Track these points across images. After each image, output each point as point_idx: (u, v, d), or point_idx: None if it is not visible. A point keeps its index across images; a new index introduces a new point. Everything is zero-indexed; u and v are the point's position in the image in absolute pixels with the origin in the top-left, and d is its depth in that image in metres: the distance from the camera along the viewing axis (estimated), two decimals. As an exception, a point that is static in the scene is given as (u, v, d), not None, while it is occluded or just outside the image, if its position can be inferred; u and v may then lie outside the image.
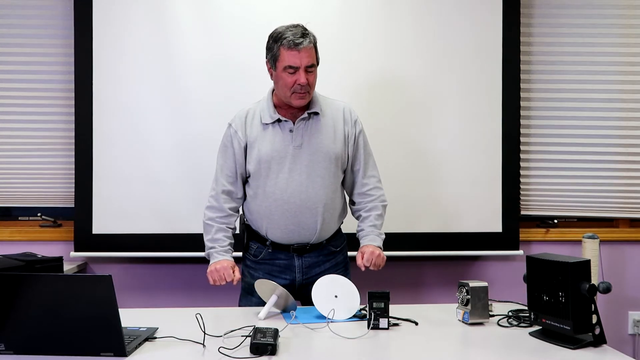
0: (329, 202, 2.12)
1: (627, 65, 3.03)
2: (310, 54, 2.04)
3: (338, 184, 2.18)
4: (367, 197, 2.20)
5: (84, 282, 1.57)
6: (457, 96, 2.90)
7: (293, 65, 2.02)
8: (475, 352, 1.66)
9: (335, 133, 2.14)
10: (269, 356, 1.53)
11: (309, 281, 2.12)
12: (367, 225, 2.17)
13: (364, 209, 2.20)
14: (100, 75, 2.82)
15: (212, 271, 2.06)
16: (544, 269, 1.72)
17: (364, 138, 2.21)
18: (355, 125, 2.18)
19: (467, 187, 2.91)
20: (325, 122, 2.13)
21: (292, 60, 2.02)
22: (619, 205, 3.06)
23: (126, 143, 2.82)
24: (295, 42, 2.01)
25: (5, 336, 1.51)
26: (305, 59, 2.02)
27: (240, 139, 2.13)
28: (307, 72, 2.04)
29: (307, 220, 2.10)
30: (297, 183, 2.08)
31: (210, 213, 2.17)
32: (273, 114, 2.11)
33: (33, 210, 3.04)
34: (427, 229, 2.90)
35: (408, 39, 2.88)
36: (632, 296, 3.09)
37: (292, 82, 2.03)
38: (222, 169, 2.17)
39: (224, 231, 2.15)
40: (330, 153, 2.11)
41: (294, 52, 2.01)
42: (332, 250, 2.21)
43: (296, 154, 2.09)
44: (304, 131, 2.10)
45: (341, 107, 2.19)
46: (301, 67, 2.02)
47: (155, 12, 2.82)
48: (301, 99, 2.06)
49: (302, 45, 2.01)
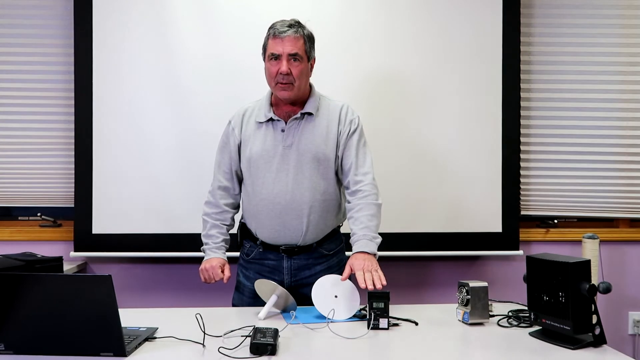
0: (315, 205, 2.07)
1: (627, 65, 3.03)
2: (295, 43, 2.02)
3: (329, 186, 2.11)
4: (358, 193, 2.07)
5: (84, 282, 1.57)
6: (457, 96, 2.90)
7: (275, 53, 2.02)
8: (475, 352, 1.65)
9: (327, 134, 2.10)
10: (269, 356, 1.52)
11: (297, 283, 2.12)
12: (358, 228, 2.02)
13: (354, 209, 2.06)
14: (100, 75, 2.83)
15: (202, 270, 2.11)
16: (544, 269, 1.72)
17: (358, 136, 2.12)
18: (350, 124, 2.11)
19: (467, 187, 2.91)
20: (318, 122, 2.10)
21: (275, 48, 2.02)
22: (619, 205, 3.06)
23: (126, 143, 2.83)
24: (280, 31, 2.02)
25: (5, 336, 1.51)
26: (288, 46, 2.01)
27: (236, 136, 2.14)
28: (291, 62, 2.01)
29: (293, 222, 2.07)
30: (284, 183, 2.06)
31: (207, 208, 2.19)
32: (267, 113, 2.10)
33: (33, 210, 3.04)
34: (427, 229, 2.90)
35: (408, 39, 2.88)
36: (632, 296, 3.09)
37: (275, 72, 2.02)
38: (220, 165, 2.19)
39: (218, 227, 2.16)
40: (319, 154, 2.07)
41: (277, 40, 2.02)
42: (324, 253, 2.15)
43: (285, 154, 2.07)
44: (295, 131, 2.08)
45: (339, 106, 2.14)
46: (283, 55, 2.00)
47: (155, 12, 2.82)
48: (284, 90, 2.03)
49: (285, 33, 2.01)
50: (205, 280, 2.11)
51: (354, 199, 2.09)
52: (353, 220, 2.06)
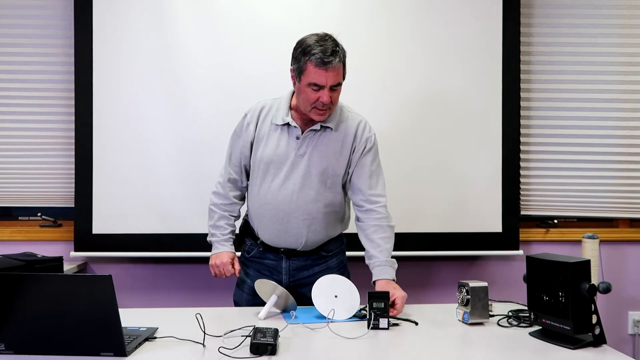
0: (318, 217, 2.07)
1: (627, 65, 3.03)
2: (338, 72, 1.95)
3: (335, 199, 2.10)
4: (373, 214, 2.07)
5: (84, 282, 1.57)
6: (457, 96, 2.90)
7: (318, 84, 1.93)
8: (475, 352, 1.65)
9: (341, 149, 2.07)
10: (269, 356, 1.52)
11: (296, 284, 2.13)
12: (378, 252, 2.03)
13: (370, 229, 2.06)
14: (100, 75, 2.82)
15: (213, 266, 2.11)
16: (544, 269, 1.72)
17: (373, 156, 2.11)
18: (365, 142, 2.08)
19: (467, 187, 2.91)
20: (335, 137, 2.06)
21: (319, 79, 1.92)
22: (619, 205, 3.06)
23: (126, 143, 2.82)
24: (325, 61, 1.90)
25: (5, 336, 1.51)
26: (332, 78, 1.92)
27: (250, 132, 2.11)
28: (332, 90, 1.95)
29: (294, 230, 2.07)
30: (289, 192, 2.05)
31: (216, 199, 2.18)
32: (285, 117, 2.05)
33: (33, 210, 3.04)
34: (427, 229, 2.90)
35: (408, 39, 2.88)
36: (632, 296, 3.09)
37: (315, 99, 1.95)
38: (231, 157, 2.17)
39: (226, 219, 2.17)
40: (329, 169, 2.06)
41: (322, 71, 1.91)
42: (324, 255, 2.16)
43: (296, 163, 2.05)
44: (310, 141, 2.05)
45: (357, 121, 2.10)
46: (327, 86, 1.93)
47: (155, 12, 2.82)
48: (321, 115, 1.99)
49: (331, 64, 1.90)
50: (216, 275, 2.12)
51: (368, 218, 2.08)
52: (370, 243, 2.06)
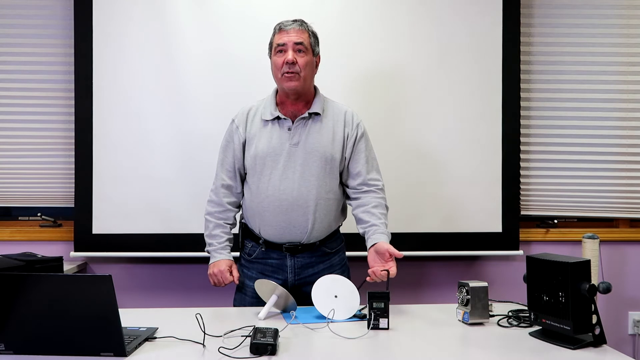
0: (321, 202, 2.10)
1: (627, 65, 3.03)
2: (300, 34, 2.07)
3: (334, 185, 2.14)
4: (371, 193, 2.14)
5: (84, 282, 1.56)
6: (457, 96, 2.90)
7: (280, 42, 2.06)
8: (475, 352, 1.65)
9: (334, 135, 2.13)
10: (269, 356, 1.52)
11: (301, 282, 2.13)
12: (377, 219, 2.09)
13: (371, 203, 2.12)
14: (100, 75, 2.83)
15: (211, 275, 2.13)
16: (544, 269, 1.72)
17: (366, 142, 2.18)
18: (356, 128, 2.16)
19: (467, 187, 2.91)
20: (325, 123, 2.13)
21: (280, 39, 2.07)
22: (619, 205, 3.06)
23: (126, 143, 2.83)
24: (285, 24, 2.09)
25: (5, 336, 1.51)
26: (294, 36, 2.06)
27: (240, 134, 2.15)
28: (296, 53, 2.05)
29: (299, 219, 2.08)
30: (290, 181, 2.08)
31: (210, 207, 2.20)
32: (273, 111, 2.11)
33: (33, 210, 3.04)
34: (427, 229, 2.90)
35: (408, 39, 2.88)
36: (632, 296, 3.09)
37: (282, 62, 2.05)
38: (223, 164, 2.20)
39: (222, 227, 2.18)
40: (326, 153, 2.10)
41: (283, 33, 2.08)
42: (327, 251, 2.18)
43: (292, 152, 2.09)
44: (302, 130, 2.10)
45: (344, 110, 2.18)
46: (289, 44, 2.05)
47: (155, 11, 2.82)
48: (290, 80, 2.06)
49: (290, 26, 2.08)
50: (215, 284, 2.14)
51: (369, 196, 2.14)
52: (371, 215, 2.11)
